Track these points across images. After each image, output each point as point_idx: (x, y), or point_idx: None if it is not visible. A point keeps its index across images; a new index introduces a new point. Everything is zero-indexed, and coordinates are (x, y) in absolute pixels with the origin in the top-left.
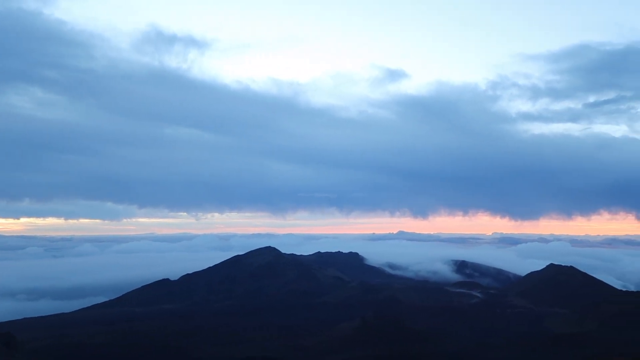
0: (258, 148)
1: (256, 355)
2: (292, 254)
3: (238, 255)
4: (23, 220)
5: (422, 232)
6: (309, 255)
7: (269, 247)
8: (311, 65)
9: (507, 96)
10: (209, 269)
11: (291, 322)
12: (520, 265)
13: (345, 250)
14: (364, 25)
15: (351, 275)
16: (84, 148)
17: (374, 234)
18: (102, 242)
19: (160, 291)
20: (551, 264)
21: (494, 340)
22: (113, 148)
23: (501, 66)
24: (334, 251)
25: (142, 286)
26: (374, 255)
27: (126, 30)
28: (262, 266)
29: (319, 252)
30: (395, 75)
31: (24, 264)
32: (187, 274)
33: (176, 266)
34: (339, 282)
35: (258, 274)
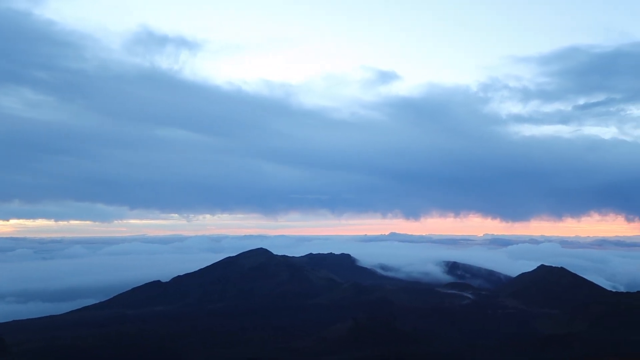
0: (250, 149)
1: (249, 357)
2: (284, 255)
3: (230, 257)
4: (12, 221)
5: (413, 234)
6: (301, 256)
7: (261, 248)
8: (303, 67)
9: (498, 98)
10: (200, 270)
11: (283, 323)
12: (511, 266)
13: (337, 251)
14: (355, 27)
15: (343, 276)
16: (75, 149)
17: (366, 235)
18: (92, 244)
19: (151, 293)
20: (542, 265)
21: (485, 341)
22: (104, 149)
23: (492, 68)
24: (326, 253)
25: (133, 288)
26: (366, 257)
27: (117, 30)
28: (254, 268)
29: (310, 253)
30: (386, 76)
31: (13, 266)
32: (178, 276)
33: (168, 268)
34: (331, 283)
35: (250, 275)
